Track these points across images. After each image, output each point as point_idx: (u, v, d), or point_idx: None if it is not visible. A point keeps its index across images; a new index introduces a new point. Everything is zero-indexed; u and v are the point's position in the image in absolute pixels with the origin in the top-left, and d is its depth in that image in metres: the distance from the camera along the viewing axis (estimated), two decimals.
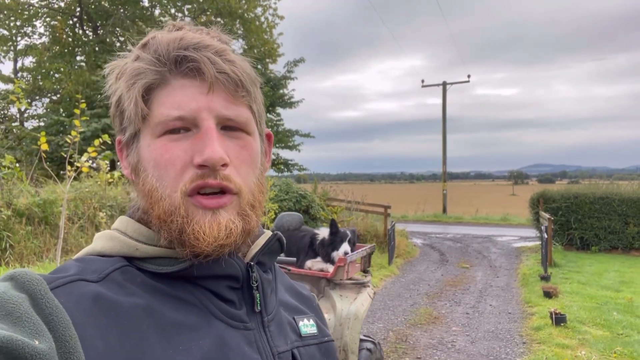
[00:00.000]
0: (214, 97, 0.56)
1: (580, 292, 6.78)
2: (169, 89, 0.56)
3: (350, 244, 3.02)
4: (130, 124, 0.59)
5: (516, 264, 9.51)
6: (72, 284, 0.51)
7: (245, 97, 0.59)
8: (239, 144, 0.59)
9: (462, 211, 21.65)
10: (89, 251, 0.61)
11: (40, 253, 5.92)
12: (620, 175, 54.58)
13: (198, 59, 0.56)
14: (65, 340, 0.43)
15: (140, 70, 0.57)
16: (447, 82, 22.41)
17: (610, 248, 10.47)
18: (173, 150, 0.56)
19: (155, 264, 0.58)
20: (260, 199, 0.62)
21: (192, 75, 0.56)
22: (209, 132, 0.55)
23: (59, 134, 12.78)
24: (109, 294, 0.52)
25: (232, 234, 0.56)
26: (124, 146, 0.63)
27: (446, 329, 5.37)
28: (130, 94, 0.57)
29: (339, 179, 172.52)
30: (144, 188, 0.58)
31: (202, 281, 0.59)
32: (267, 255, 0.67)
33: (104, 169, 5.04)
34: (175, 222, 0.55)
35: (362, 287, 3.00)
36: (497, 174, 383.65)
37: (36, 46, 17.16)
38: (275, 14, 18.00)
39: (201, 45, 0.57)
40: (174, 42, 0.57)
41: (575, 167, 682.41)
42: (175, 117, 0.56)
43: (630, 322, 5.28)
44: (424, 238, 13.72)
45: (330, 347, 0.73)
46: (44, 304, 0.44)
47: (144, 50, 0.59)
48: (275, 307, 0.67)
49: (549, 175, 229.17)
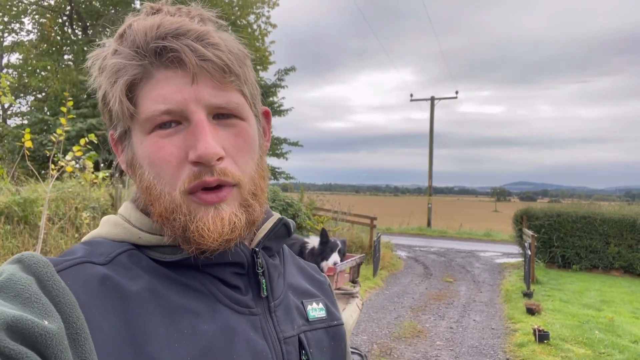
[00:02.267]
0: (200, 87, 0.53)
1: (562, 309, 6.83)
2: (153, 83, 0.54)
3: (340, 254, 2.98)
4: (119, 121, 0.57)
5: (499, 279, 9.56)
6: (78, 266, 0.51)
7: (235, 81, 0.56)
8: (233, 132, 0.57)
9: (446, 225, 21.79)
10: (95, 234, 0.60)
11: (19, 253, 5.75)
12: (600, 196, 55.67)
13: (178, 49, 0.52)
14: (72, 321, 0.43)
15: (120, 66, 0.54)
16: (435, 97, 22.68)
17: (590, 267, 10.59)
18: (166, 147, 0.54)
19: (160, 252, 0.57)
20: (262, 185, 0.60)
21: (175, 66, 0.53)
22: (200, 125, 0.53)
23: (43, 132, 12.53)
24: (115, 276, 0.52)
25: (237, 228, 0.55)
26: (117, 142, 0.61)
27: (430, 343, 5.34)
28: (114, 92, 0.54)
29: (324, 189, 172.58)
30: (142, 185, 0.57)
31: (207, 268, 0.58)
32: (274, 240, 0.66)
33: (89, 169, 4.93)
34: (178, 220, 0.54)
35: (350, 297, 2.96)
36: (480, 190, 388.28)
37: (23, 43, 16.87)
38: (267, 22, 18.04)
39: (180, 32, 0.53)
40: (151, 30, 0.53)
41: (556, 187, 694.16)
42: (163, 111, 0.53)
43: (612, 341, 5.32)
44: (408, 251, 13.74)
45: (339, 330, 0.72)
46: (50, 285, 0.44)
47: (121, 43, 0.55)
48: (283, 292, 0.66)
49: (531, 193, 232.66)
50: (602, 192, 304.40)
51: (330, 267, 2.83)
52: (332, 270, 2.83)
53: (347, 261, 3.07)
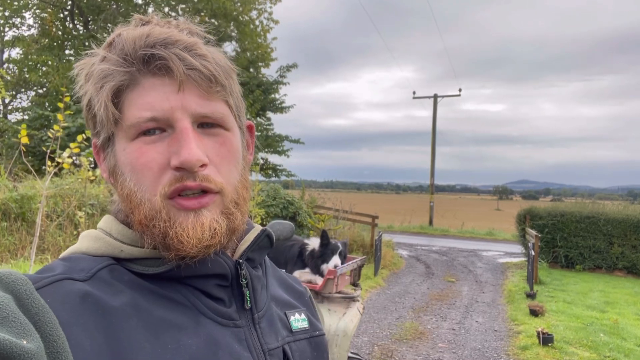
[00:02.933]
0: (186, 95, 0.54)
1: (566, 311, 6.74)
2: (140, 90, 0.54)
3: (341, 257, 2.89)
4: (102, 127, 0.57)
5: (502, 279, 9.47)
6: (57, 283, 0.50)
7: (220, 91, 0.57)
8: (217, 140, 0.57)
9: (448, 224, 21.69)
10: (75, 250, 0.60)
11: (15, 250, 5.69)
12: (602, 195, 55.56)
13: (166, 57, 0.53)
14: (52, 340, 0.42)
15: (107, 72, 0.54)
16: (438, 95, 22.52)
17: (594, 267, 10.50)
18: (149, 153, 0.54)
19: (142, 265, 0.57)
20: (245, 195, 0.60)
21: (162, 74, 0.54)
22: (184, 133, 0.53)
23: (43, 128, 12.46)
24: (96, 292, 0.51)
25: (217, 234, 0.55)
26: (99, 149, 0.61)
27: (432, 345, 5.26)
28: (100, 97, 0.55)
29: (325, 186, 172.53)
30: (123, 192, 0.57)
31: (190, 280, 0.58)
32: (257, 251, 0.66)
33: (85, 166, 4.86)
34: (158, 227, 0.54)
35: (351, 301, 2.87)
36: (482, 189, 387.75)
37: (24, 38, 16.78)
38: (270, 18, 17.92)
39: (169, 41, 0.54)
40: (140, 39, 0.54)
41: (559, 185, 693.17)
42: (148, 118, 0.54)
43: (617, 344, 5.23)
44: (409, 250, 13.65)
45: (320, 341, 0.72)
46: (29, 304, 0.44)
47: (109, 50, 0.56)
48: (266, 303, 0.66)
49: (533, 192, 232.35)
50: (604, 190, 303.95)
51: (330, 270, 2.75)
52: (333, 273, 2.75)
53: (348, 264, 2.98)
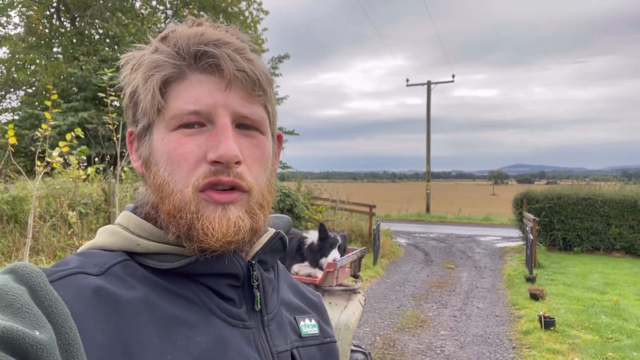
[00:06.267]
0: (231, 94, 0.56)
1: (566, 294, 6.74)
2: (187, 84, 0.56)
3: (340, 251, 2.83)
4: (144, 115, 0.59)
5: (500, 264, 9.47)
6: (71, 276, 0.51)
7: (262, 96, 0.59)
8: (252, 142, 0.59)
9: (445, 210, 21.71)
10: (91, 245, 0.61)
11: (9, 253, 5.60)
12: (597, 177, 55.73)
13: (218, 55, 0.56)
14: (64, 332, 0.43)
15: (159, 63, 0.57)
16: (431, 82, 22.42)
17: (592, 249, 10.52)
18: (187, 145, 0.56)
19: (157, 260, 0.58)
20: (269, 199, 0.62)
21: (211, 71, 0.56)
22: (225, 129, 0.55)
23: (34, 127, 12.29)
24: (109, 287, 0.52)
25: (241, 231, 0.56)
26: (135, 138, 0.62)
27: (434, 333, 5.24)
28: (148, 85, 0.57)
29: (322, 177, 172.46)
30: (155, 182, 0.58)
31: (202, 278, 0.58)
32: (269, 253, 0.67)
33: (74, 165, 4.76)
34: (185, 218, 0.55)
35: (352, 293, 2.82)
36: (477, 174, 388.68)
37: (11, 37, 16.48)
38: (259, 9, 17.68)
39: (222, 42, 0.57)
40: (195, 37, 0.57)
41: (554, 168, 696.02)
42: (191, 111, 0.55)
43: (619, 325, 5.23)
44: (408, 238, 13.65)
45: (332, 348, 0.73)
46: (43, 296, 0.44)
47: (163, 43, 0.59)
48: (276, 307, 0.66)
49: (528, 176, 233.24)
50: (599, 172, 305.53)
51: (330, 263, 2.69)
52: (333, 266, 2.69)
53: (348, 255, 2.93)
